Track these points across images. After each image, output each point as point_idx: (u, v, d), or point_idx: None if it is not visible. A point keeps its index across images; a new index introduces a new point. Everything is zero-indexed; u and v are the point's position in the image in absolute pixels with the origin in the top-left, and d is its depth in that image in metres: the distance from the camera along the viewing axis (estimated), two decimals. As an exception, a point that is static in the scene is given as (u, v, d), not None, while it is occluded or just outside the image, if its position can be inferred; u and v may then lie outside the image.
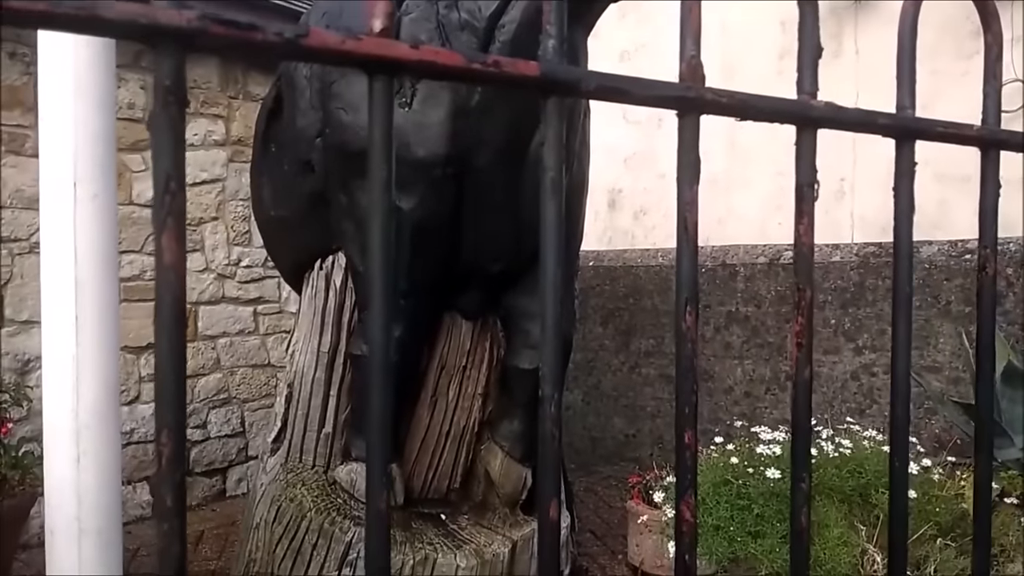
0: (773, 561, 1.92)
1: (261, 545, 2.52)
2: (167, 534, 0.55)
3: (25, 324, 3.29)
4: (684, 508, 0.74)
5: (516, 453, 2.82)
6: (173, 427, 0.55)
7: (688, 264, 0.74)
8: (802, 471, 0.80)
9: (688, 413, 0.73)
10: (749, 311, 4.15)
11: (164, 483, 0.54)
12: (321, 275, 2.72)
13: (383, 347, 0.65)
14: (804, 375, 0.80)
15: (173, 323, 0.55)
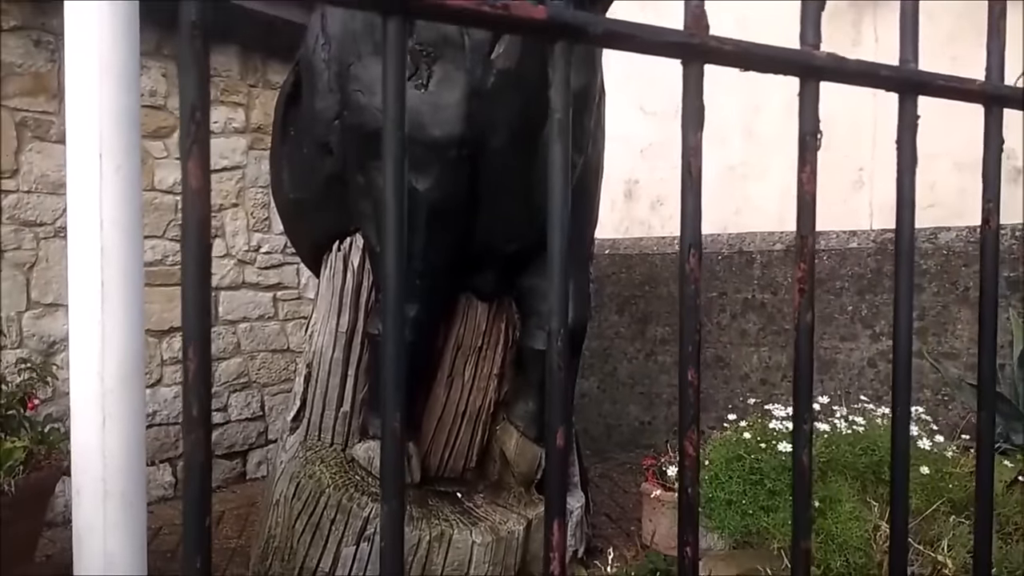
0: (786, 535, 1.93)
1: (281, 521, 2.57)
2: (193, 443, 0.58)
3: (50, 307, 3.36)
4: (687, 444, 0.76)
5: (531, 433, 2.85)
6: (199, 342, 0.58)
7: (692, 208, 0.76)
8: (804, 412, 0.82)
9: (691, 352, 0.76)
10: (766, 298, 4.15)
11: (191, 394, 0.58)
12: (339, 256, 2.76)
13: (397, 326, 0.68)
14: (806, 319, 0.82)
15: (198, 245, 0.58)
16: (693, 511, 0.77)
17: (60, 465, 2.49)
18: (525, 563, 2.74)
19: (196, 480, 0.58)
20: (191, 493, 0.58)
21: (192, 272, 0.58)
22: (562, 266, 0.70)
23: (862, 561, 1.90)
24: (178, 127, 2.51)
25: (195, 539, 0.59)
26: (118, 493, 1.79)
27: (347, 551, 2.42)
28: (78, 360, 1.84)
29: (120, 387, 1.80)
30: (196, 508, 0.58)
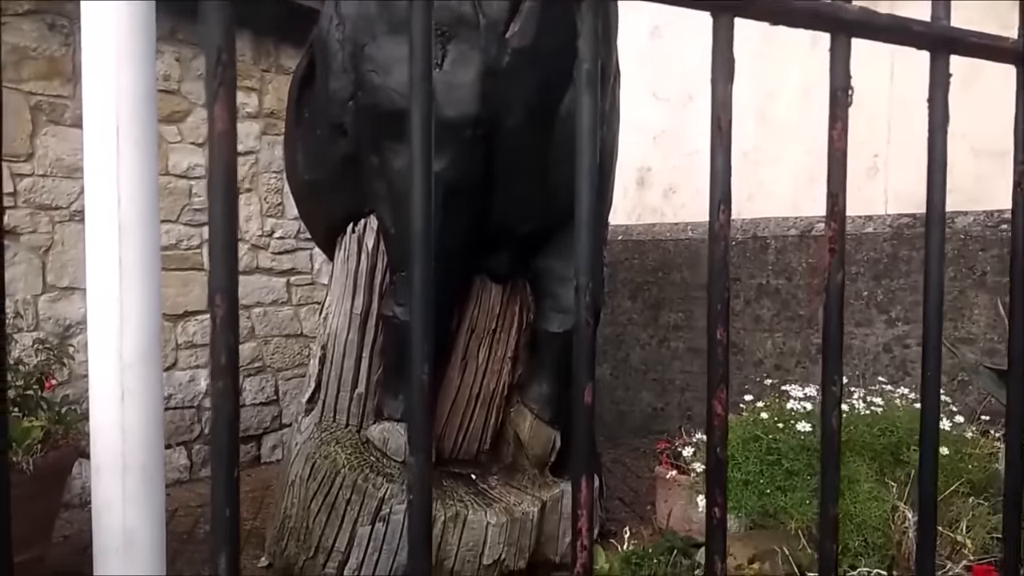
0: (803, 514, 1.92)
1: (296, 501, 2.57)
2: (221, 391, 0.57)
3: (66, 290, 3.37)
4: (716, 403, 0.75)
5: (545, 416, 2.84)
6: (226, 291, 0.57)
7: (721, 163, 0.75)
8: (833, 375, 0.81)
9: (720, 309, 0.75)
10: (780, 284, 4.13)
11: (219, 343, 0.57)
12: (353, 238, 2.75)
13: (425, 271, 0.67)
14: (836, 280, 0.80)
15: (225, 189, 0.57)
16: (721, 471, 0.76)
17: (77, 445, 2.50)
18: (539, 544, 2.75)
19: (223, 430, 0.57)
20: (219, 443, 0.58)
21: (219, 218, 0.57)
22: (589, 218, 0.68)
23: (880, 541, 1.89)
24: (192, 112, 2.54)
25: (224, 490, 0.58)
26: (137, 467, 1.79)
27: (362, 531, 2.43)
28: (96, 336, 1.84)
29: (138, 362, 1.80)
30: (224, 459, 0.58)
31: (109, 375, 1.81)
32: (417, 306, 0.66)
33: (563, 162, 2.67)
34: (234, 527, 0.57)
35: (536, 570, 2.72)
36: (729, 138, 0.75)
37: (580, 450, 0.70)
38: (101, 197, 1.79)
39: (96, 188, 1.78)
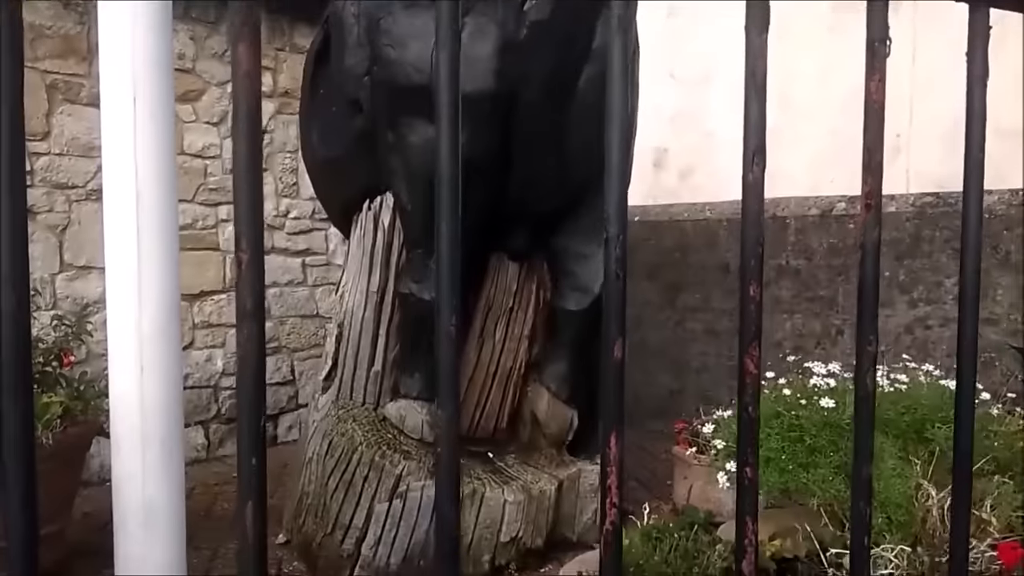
0: (826, 491, 1.90)
1: (314, 478, 2.58)
2: (248, 338, 0.56)
3: (83, 269, 3.38)
4: (748, 361, 0.73)
5: (562, 395, 2.83)
6: (251, 236, 0.56)
7: (756, 114, 0.73)
8: (869, 334, 0.79)
9: (754, 265, 0.73)
10: (799, 264, 4.08)
11: (244, 287, 0.56)
12: (369, 216, 2.74)
13: (452, 215, 0.66)
14: (872, 237, 0.78)
15: (250, 129, 0.56)
16: (753, 431, 0.74)
17: (96, 421, 2.51)
18: (557, 523, 2.74)
19: (250, 377, 0.56)
20: (245, 390, 0.56)
21: (243, 161, 0.55)
22: (619, 165, 0.66)
23: (904, 519, 1.87)
24: (206, 91, 2.50)
25: (250, 440, 0.57)
26: (157, 439, 1.77)
27: (380, 507, 2.43)
28: (115, 309, 1.82)
29: (157, 335, 1.78)
30: (250, 408, 0.56)
31: (128, 349, 1.79)
32: (444, 255, 0.64)
33: (581, 139, 2.64)
34: (261, 477, 0.56)
35: (553, 548, 2.72)
36: (764, 89, 0.73)
37: (609, 405, 0.69)
38: (119, 167, 1.76)
39: (114, 158, 1.76)
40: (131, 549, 1.69)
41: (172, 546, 1.65)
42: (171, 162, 1.66)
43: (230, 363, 3.91)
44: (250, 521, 0.55)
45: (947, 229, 3.74)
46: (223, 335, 3.89)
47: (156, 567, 1.65)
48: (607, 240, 0.67)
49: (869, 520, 0.82)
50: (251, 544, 0.55)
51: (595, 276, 2.79)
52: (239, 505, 0.55)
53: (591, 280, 2.79)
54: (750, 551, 0.74)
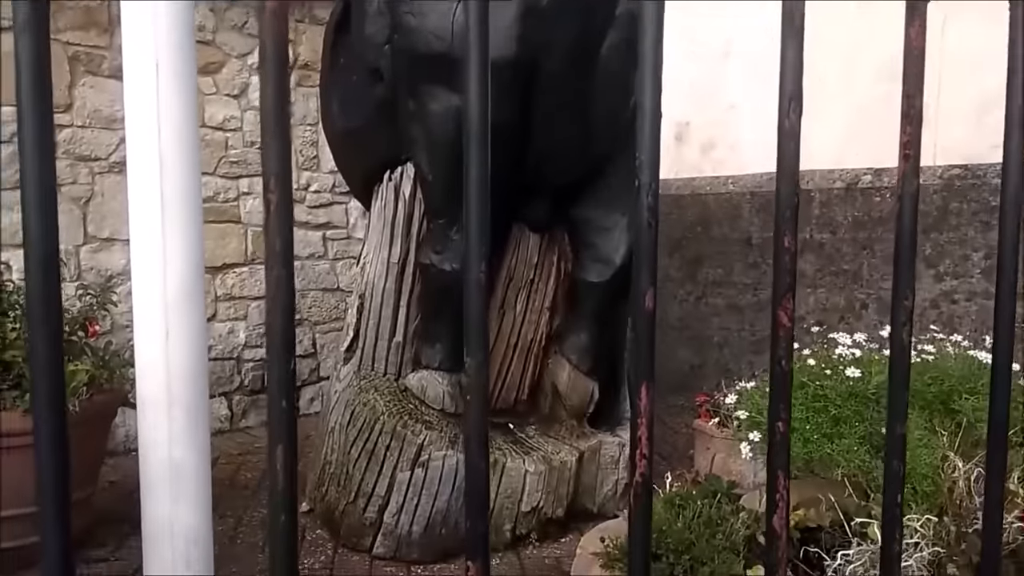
0: (850, 461, 1.88)
1: (336, 448, 2.59)
2: (278, 281, 0.55)
3: (107, 241, 3.41)
4: (781, 313, 0.72)
5: (583, 366, 2.82)
6: (279, 176, 0.55)
7: (793, 58, 0.71)
8: (905, 288, 0.77)
9: (788, 216, 0.71)
10: (824, 238, 4.03)
11: (273, 230, 0.55)
12: (390, 186, 2.73)
13: (481, 162, 0.64)
14: (911, 187, 0.76)
15: (277, 69, 0.55)
16: (785, 385, 0.73)
17: (121, 390, 2.54)
18: (577, 494, 2.75)
19: (279, 320, 0.56)
20: (274, 333, 0.56)
21: (270, 100, 0.54)
22: (652, 110, 0.65)
23: (930, 489, 1.85)
24: (227, 63, 2.49)
25: (279, 384, 0.56)
26: (183, 403, 1.78)
27: (402, 476, 2.44)
28: (140, 274, 1.82)
29: (182, 300, 1.79)
30: (280, 350, 0.56)
31: (153, 314, 1.80)
32: (472, 203, 0.63)
33: (604, 108, 2.61)
34: (291, 420, 0.55)
35: (574, 519, 2.72)
36: (802, 32, 0.71)
37: (640, 356, 0.68)
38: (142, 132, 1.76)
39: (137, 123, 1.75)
40: (158, 511, 1.71)
41: (198, 508, 1.67)
42: (194, 129, 1.66)
43: (252, 335, 3.94)
44: (281, 464, 0.55)
45: (975, 202, 3.67)
46: (245, 307, 3.92)
47: (183, 529, 1.67)
48: (639, 187, 0.66)
49: (903, 479, 0.81)
50: (282, 487, 0.55)
51: (616, 247, 2.77)
52: (270, 447, 0.55)
53: (612, 251, 2.77)
54: (781, 506, 0.73)
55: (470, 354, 0.63)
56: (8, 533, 2.31)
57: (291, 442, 0.55)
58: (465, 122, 0.62)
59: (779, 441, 0.72)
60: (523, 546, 2.57)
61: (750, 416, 2.06)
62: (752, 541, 1.70)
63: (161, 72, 1.64)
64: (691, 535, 1.60)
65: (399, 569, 2.41)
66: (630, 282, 3.03)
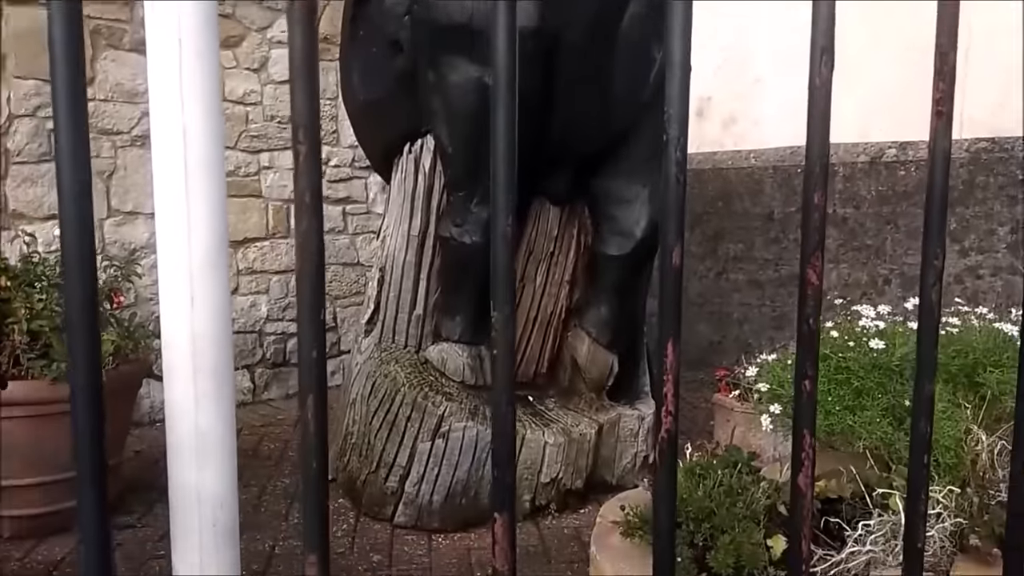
0: (872, 433, 1.87)
1: (358, 419, 2.62)
2: (307, 231, 0.56)
3: (130, 215, 3.44)
4: (810, 271, 0.71)
5: (603, 339, 2.82)
6: (308, 127, 0.55)
7: (826, 10, 0.69)
8: (936, 248, 0.76)
9: (819, 172, 0.70)
10: (847, 212, 3.99)
11: (302, 182, 0.55)
12: (410, 159, 2.73)
13: (509, 130, 0.64)
14: (943, 145, 0.75)
15: (305, 18, 0.55)
16: (813, 343, 0.73)
17: (147, 360, 2.58)
18: (596, 466, 2.76)
19: (309, 270, 0.56)
20: (304, 283, 0.56)
21: (299, 51, 0.54)
22: (682, 63, 0.64)
23: (953, 462, 1.84)
24: (247, 37, 2.49)
25: (310, 333, 0.57)
26: (208, 369, 1.81)
27: (423, 447, 2.46)
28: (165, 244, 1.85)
29: (207, 267, 1.81)
30: (310, 299, 0.56)
31: (178, 282, 1.83)
32: (500, 153, 0.63)
33: (624, 79, 2.58)
34: (321, 369, 0.56)
35: (593, 490, 2.74)
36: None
37: (668, 313, 0.68)
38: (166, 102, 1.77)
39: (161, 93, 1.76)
40: (185, 476, 1.74)
41: (224, 473, 1.70)
42: (217, 101, 1.66)
43: (274, 308, 3.97)
44: (312, 412, 0.55)
45: (1002, 176, 3.62)
46: (267, 281, 3.95)
47: (209, 493, 1.69)
48: (667, 141, 0.65)
49: (930, 441, 0.80)
50: (313, 435, 0.55)
51: (637, 220, 2.76)
52: (300, 396, 0.55)
53: (633, 224, 2.76)
54: (807, 465, 0.73)
55: (497, 308, 0.63)
56: (41, 499, 2.37)
57: (321, 391, 0.56)
58: (493, 66, 0.62)
59: (805, 400, 0.72)
60: (542, 516, 2.59)
61: (771, 388, 2.05)
62: (773, 511, 1.70)
63: (184, 47, 1.64)
64: (711, 504, 1.60)
65: (420, 537, 2.44)
66: (650, 255, 3.02)
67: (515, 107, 0.64)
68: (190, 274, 1.74)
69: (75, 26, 0.51)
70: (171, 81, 1.67)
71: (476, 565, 2.27)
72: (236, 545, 1.91)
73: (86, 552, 0.53)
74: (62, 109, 0.51)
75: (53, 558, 2.28)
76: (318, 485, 0.56)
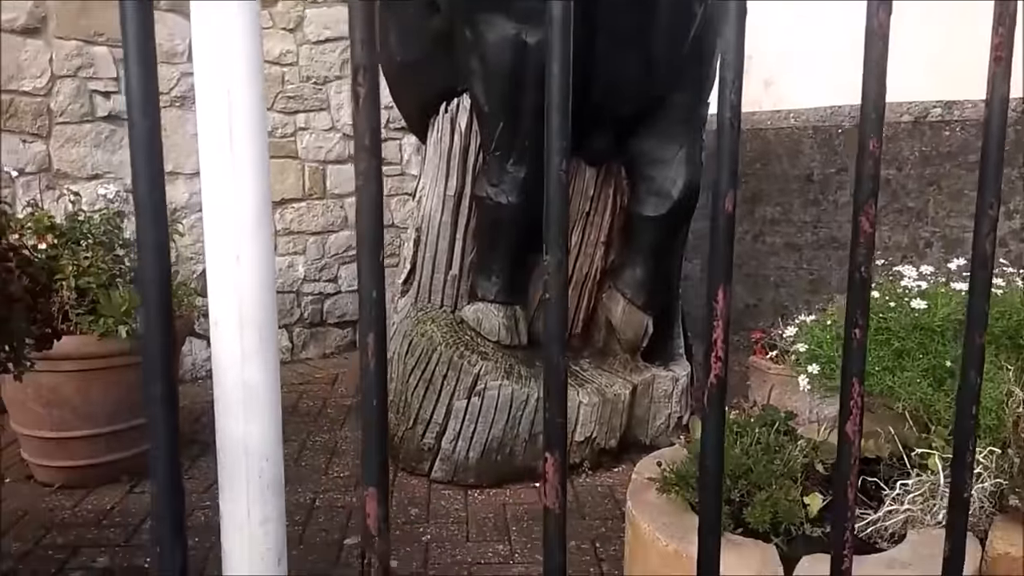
0: (912, 394, 1.86)
1: (395, 377, 2.66)
2: (367, 172, 0.56)
3: (170, 175, 3.48)
4: (863, 219, 0.71)
5: (638, 301, 2.82)
6: (368, 67, 0.56)
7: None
8: (990, 197, 0.75)
9: (875, 118, 0.69)
10: (889, 173, 3.91)
11: (362, 122, 0.56)
12: (446, 119, 2.73)
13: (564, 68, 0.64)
14: (1002, 91, 0.74)
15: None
16: (865, 292, 0.72)
17: (190, 317, 2.63)
18: (630, 426, 2.78)
19: (369, 211, 0.57)
20: (364, 224, 0.57)
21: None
22: (739, 2, 0.63)
23: (994, 423, 1.82)
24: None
25: (371, 271, 0.58)
26: (254, 323, 1.85)
27: (459, 404, 2.50)
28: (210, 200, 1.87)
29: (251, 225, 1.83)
30: (370, 240, 0.58)
31: (224, 238, 1.85)
32: (555, 94, 0.63)
33: (664, 39, 2.54)
34: (381, 309, 0.57)
35: (626, 450, 2.76)
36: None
37: (718, 259, 0.68)
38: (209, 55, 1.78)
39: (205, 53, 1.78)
40: (232, 428, 1.79)
41: (270, 425, 1.74)
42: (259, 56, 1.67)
43: (311, 269, 4.02)
44: (372, 350, 0.57)
45: (1053, 135, 3.51)
46: (304, 242, 3.99)
47: (256, 444, 1.74)
48: (722, 83, 0.65)
49: (979, 392, 0.80)
50: (373, 370, 0.57)
51: (674, 181, 2.73)
52: (361, 334, 0.57)
53: (670, 185, 2.74)
54: (855, 412, 0.73)
55: (550, 251, 0.64)
56: (91, 450, 2.45)
57: (381, 329, 0.57)
58: (547, 8, 0.62)
59: (855, 348, 0.72)
60: (576, 474, 2.62)
61: (809, 349, 2.04)
62: (810, 469, 1.70)
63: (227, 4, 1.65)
64: (749, 461, 1.61)
65: (456, 492, 2.49)
66: (686, 217, 2.99)
67: (569, 51, 0.64)
68: (236, 231, 1.76)
69: (148, 18, 0.52)
70: (215, 40, 1.68)
71: (512, 519, 2.31)
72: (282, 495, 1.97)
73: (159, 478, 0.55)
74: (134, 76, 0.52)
75: (103, 507, 2.36)
76: (378, 421, 0.58)
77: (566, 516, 0.67)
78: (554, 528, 0.66)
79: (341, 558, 2.08)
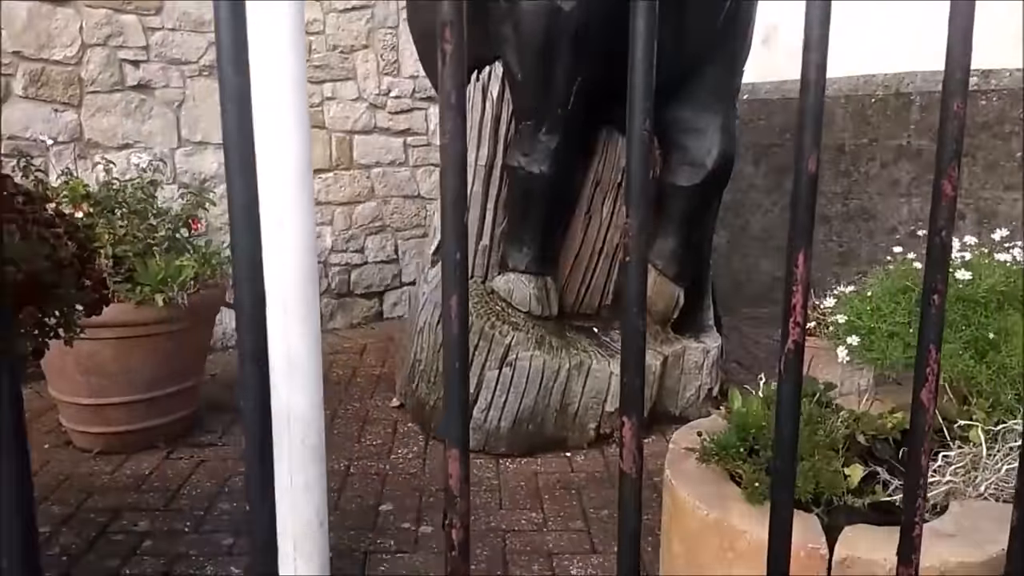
0: (953, 366, 1.84)
1: (426, 346, 2.67)
2: (452, 131, 0.56)
3: (200, 144, 3.49)
4: (945, 183, 0.69)
5: (669, 272, 2.81)
6: (455, 23, 0.55)
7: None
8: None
9: (960, 78, 0.67)
10: (923, 144, 3.85)
11: (448, 80, 0.55)
12: (478, 87, 2.70)
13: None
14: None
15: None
16: (944, 255, 0.71)
17: (223, 285, 2.64)
18: (660, 397, 2.77)
19: (453, 166, 0.56)
20: (448, 183, 0.57)
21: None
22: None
23: (1042, 394, 1.80)
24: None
25: (455, 235, 0.58)
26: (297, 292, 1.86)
27: (490, 374, 2.50)
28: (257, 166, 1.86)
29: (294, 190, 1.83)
30: (455, 198, 0.57)
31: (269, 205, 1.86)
32: (639, 53, 0.62)
33: (699, 5, 2.50)
34: (464, 271, 0.57)
35: (657, 421, 2.76)
36: None
37: (800, 223, 0.67)
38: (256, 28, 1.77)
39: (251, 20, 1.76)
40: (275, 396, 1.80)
41: (312, 393, 1.75)
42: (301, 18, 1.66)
43: (339, 240, 4.03)
44: (455, 313, 0.56)
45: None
46: (331, 212, 4.00)
47: (298, 412, 1.75)
48: (806, 43, 0.63)
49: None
50: (456, 334, 0.57)
51: (708, 150, 2.70)
52: (444, 297, 0.56)
53: (704, 154, 2.70)
54: (931, 379, 0.72)
55: (631, 214, 0.63)
56: (128, 417, 2.48)
57: (464, 292, 0.57)
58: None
59: (934, 313, 0.71)
60: (607, 444, 2.62)
61: (849, 320, 2.02)
62: (851, 440, 1.69)
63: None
64: (790, 431, 1.60)
65: (488, 461, 2.50)
66: (719, 187, 2.97)
67: (656, 9, 0.62)
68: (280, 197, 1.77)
69: None
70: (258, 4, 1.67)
71: (543, 488, 2.33)
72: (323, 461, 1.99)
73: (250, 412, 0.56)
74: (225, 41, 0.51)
75: (141, 472, 2.40)
76: (460, 382, 0.57)
77: (642, 481, 0.67)
78: (630, 492, 0.65)
79: (377, 523, 2.11)
